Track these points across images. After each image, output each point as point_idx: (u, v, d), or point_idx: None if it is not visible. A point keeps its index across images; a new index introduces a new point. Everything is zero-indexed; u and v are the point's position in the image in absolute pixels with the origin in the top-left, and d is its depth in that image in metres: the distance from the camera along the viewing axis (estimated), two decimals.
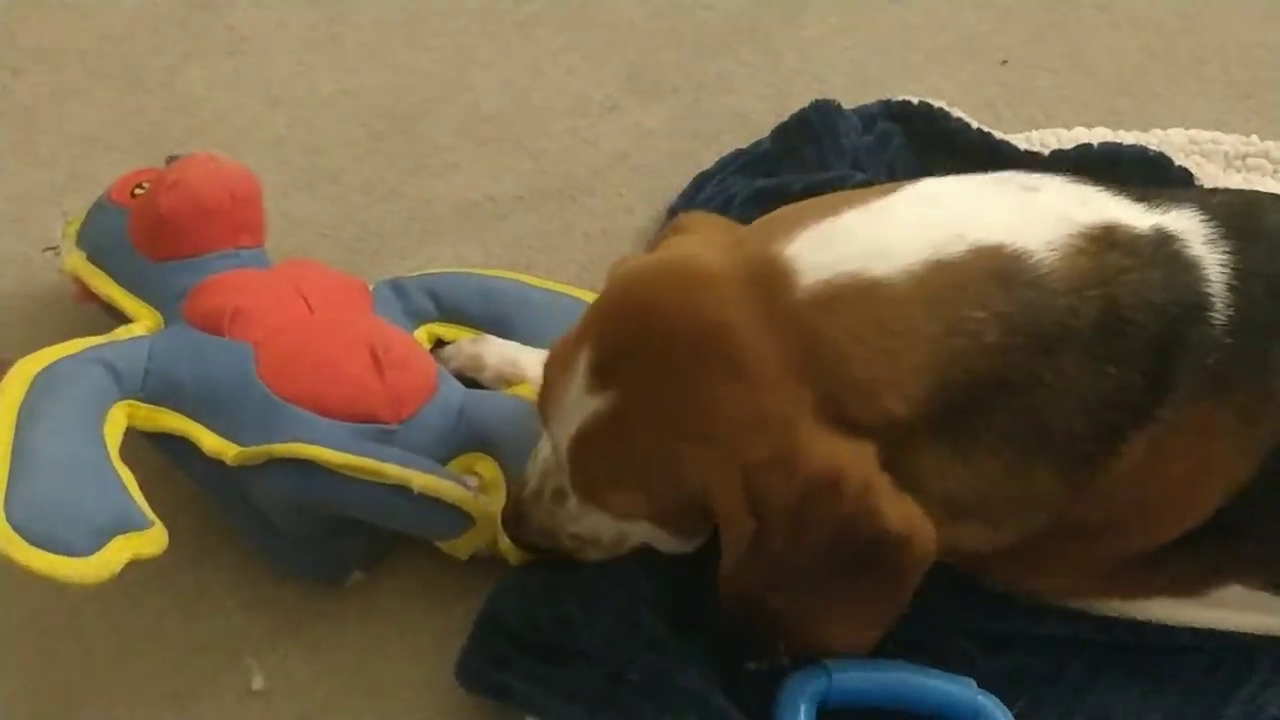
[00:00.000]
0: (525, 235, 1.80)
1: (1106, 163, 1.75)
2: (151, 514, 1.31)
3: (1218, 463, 1.18)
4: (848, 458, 1.07)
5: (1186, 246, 1.15)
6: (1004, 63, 2.00)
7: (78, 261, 1.56)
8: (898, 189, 1.17)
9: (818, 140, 1.79)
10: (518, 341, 1.56)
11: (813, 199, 1.21)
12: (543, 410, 1.22)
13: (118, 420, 1.37)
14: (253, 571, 1.47)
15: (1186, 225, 1.16)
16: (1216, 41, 2.02)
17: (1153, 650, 1.36)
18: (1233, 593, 1.30)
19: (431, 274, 1.65)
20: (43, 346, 1.40)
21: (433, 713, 1.39)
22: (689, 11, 2.06)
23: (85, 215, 1.61)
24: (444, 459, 1.43)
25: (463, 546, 1.43)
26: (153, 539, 1.30)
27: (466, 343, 1.53)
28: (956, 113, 1.84)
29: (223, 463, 1.38)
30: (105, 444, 1.34)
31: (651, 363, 1.10)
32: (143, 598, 1.47)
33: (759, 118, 1.89)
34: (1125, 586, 1.33)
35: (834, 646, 1.23)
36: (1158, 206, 1.18)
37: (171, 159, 1.62)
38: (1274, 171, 1.82)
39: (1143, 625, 1.35)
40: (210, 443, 1.38)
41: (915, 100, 1.86)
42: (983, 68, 1.99)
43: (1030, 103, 1.95)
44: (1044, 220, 1.12)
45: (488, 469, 1.42)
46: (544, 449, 1.30)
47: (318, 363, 1.43)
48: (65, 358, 1.39)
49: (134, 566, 1.41)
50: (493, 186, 1.86)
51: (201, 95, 1.96)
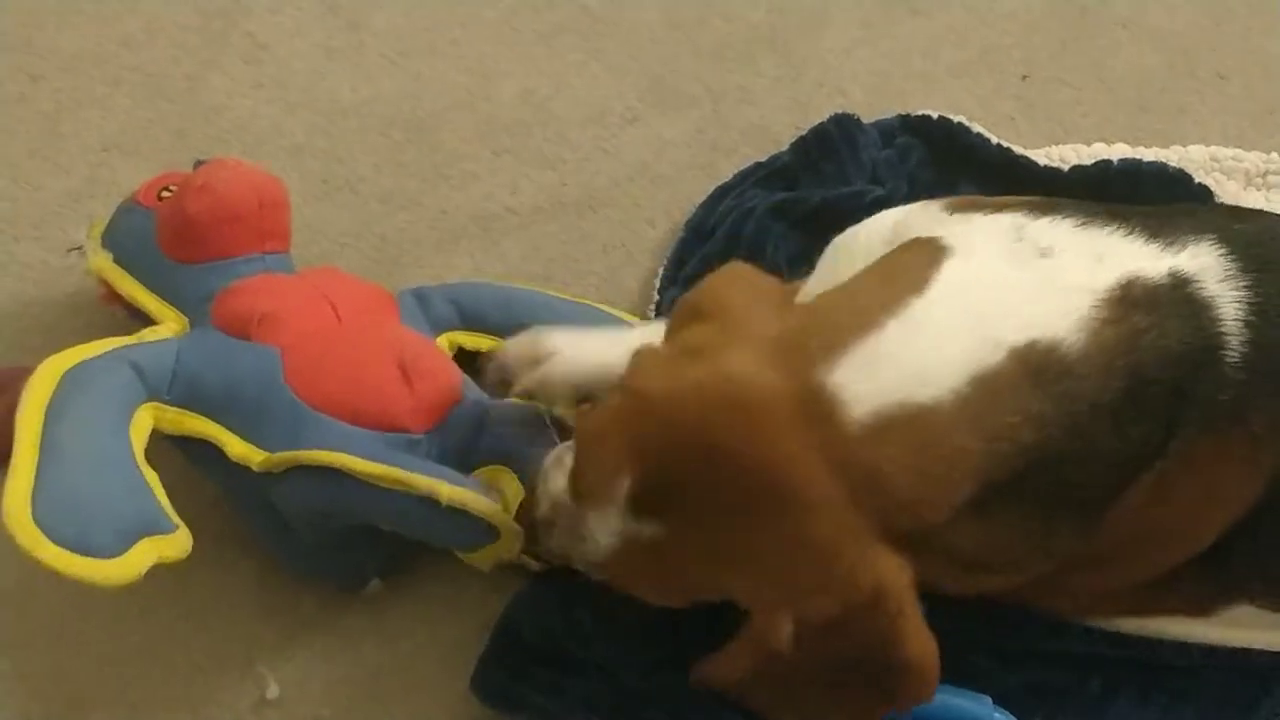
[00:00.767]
0: (544, 245, 1.80)
1: (1126, 179, 1.75)
2: (176, 517, 1.31)
3: (1226, 489, 1.19)
4: (889, 574, 1.07)
5: (1202, 288, 1.14)
6: (1024, 77, 1.99)
7: (103, 263, 1.56)
8: (924, 281, 1.14)
9: (837, 154, 1.79)
10: None
11: (848, 291, 1.20)
12: (576, 491, 1.19)
13: (144, 422, 1.37)
14: (268, 580, 1.48)
15: (1203, 263, 1.16)
16: (1238, 58, 2.02)
17: (1170, 668, 1.36)
18: (1243, 612, 1.30)
19: (454, 283, 1.65)
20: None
21: None
22: (710, 23, 2.06)
23: (111, 217, 1.61)
24: (467, 470, 1.43)
25: (485, 559, 1.42)
26: (178, 542, 1.30)
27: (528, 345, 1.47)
28: (976, 127, 1.84)
29: (246, 468, 1.38)
30: (131, 445, 1.34)
31: (702, 501, 1.09)
32: (157, 605, 1.47)
33: (779, 130, 1.89)
34: (1137, 606, 1.34)
35: None
36: (1173, 244, 1.17)
37: (199, 163, 1.62)
38: None
39: (1160, 642, 1.35)
40: (236, 448, 1.38)
41: (935, 114, 1.85)
42: (1003, 82, 1.99)
43: (1050, 118, 1.94)
44: (1066, 297, 1.12)
45: (510, 483, 1.41)
46: (556, 481, 1.29)
47: (345, 370, 1.43)
48: (93, 357, 1.39)
49: (149, 574, 1.41)
50: (511, 196, 1.85)
51: (221, 103, 1.96)
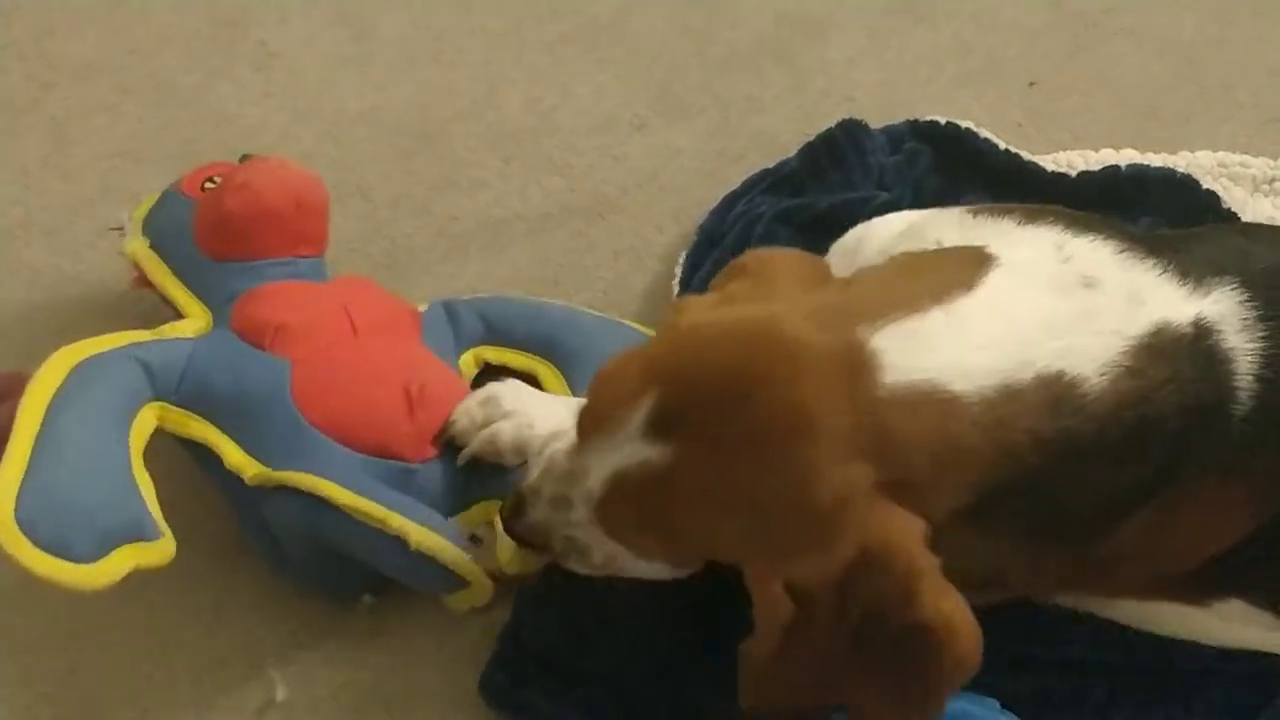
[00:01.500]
0: (552, 252, 1.80)
1: (1134, 185, 1.75)
2: (163, 524, 1.32)
3: (1219, 530, 1.21)
4: (896, 530, 1.06)
5: (1223, 339, 1.16)
6: (1032, 84, 2.00)
7: (139, 247, 1.57)
8: (974, 281, 1.15)
9: (844, 160, 1.79)
10: (566, 364, 1.55)
11: (896, 269, 1.21)
12: (583, 427, 1.18)
13: (147, 421, 1.38)
14: (275, 584, 1.48)
15: (1224, 310, 1.17)
16: (1245, 65, 2.02)
17: (1175, 673, 1.36)
18: (1235, 607, 1.31)
19: (483, 297, 1.65)
20: None
21: None
22: (717, 32, 2.06)
23: (155, 202, 1.62)
24: (462, 503, 1.43)
25: (458, 603, 1.43)
26: (159, 550, 1.30)
27: (475, 406, 1.46)
28: (984, 133, 1.84)
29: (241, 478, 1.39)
30: (130, 445, 1.34)
31: (718, 433, 1.08)
32: (166, 608, 1.47)
33: (787, 138, 1.89)
34: (1130, 588, 1.34)
35: None
36: (1201, 285, 1.18)
37: (245, 157, 1.63)
38: None
39: (1165, 648, 1.36)
40: (234, 457, 1.39)
41: (943, 120, 1.85)
42: (1011, 89, 1.99)
43: (1058, 124, 1.95)
44: (1100, 337, 1.13)
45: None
46: (554, 449, 1.29)
47: (350, 393, 1.43)
48: (105, 351, 1.40)
49: (158, 578, 1.42)
50: (520, 204, 1.86)
51: (231, 110, 1.97)
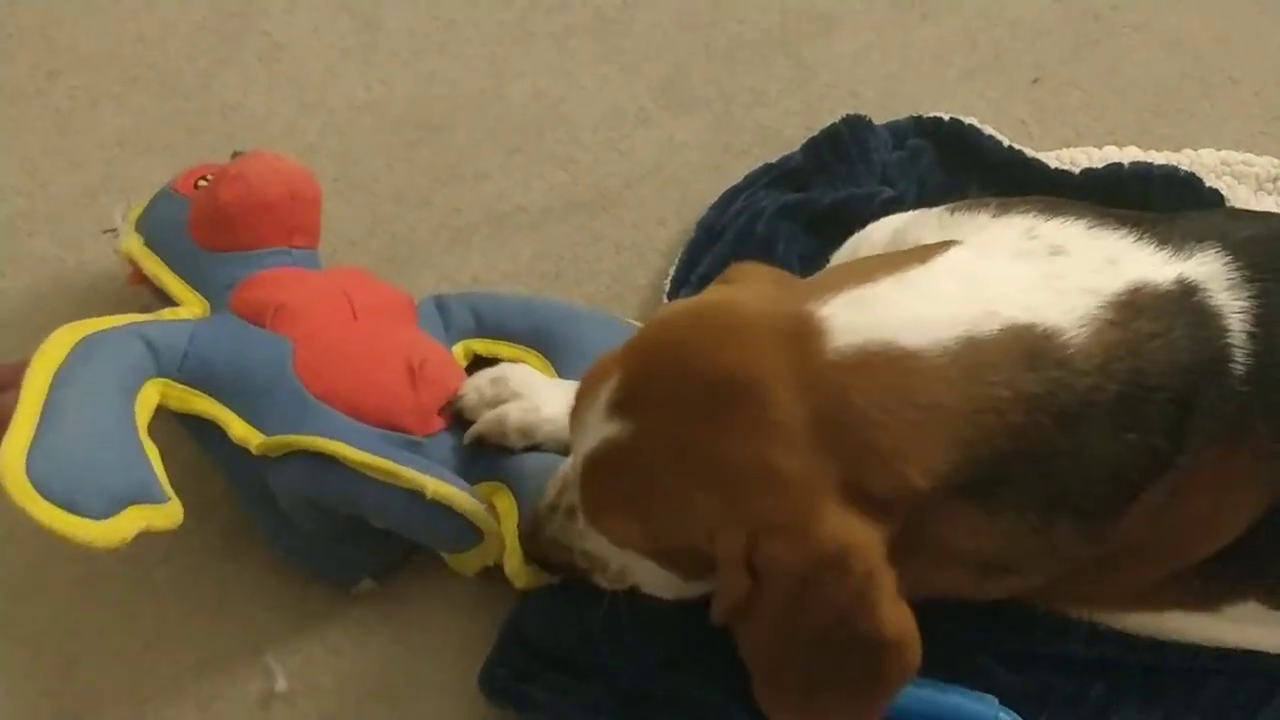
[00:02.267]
0: (556, 245, 1.80)
1: (1137, 183, 1.74)
2: (170, 490, 1.33)
3: (1234, 499, 1.20)
4: (859, 540, 1.07)
5: (1209, 296, 1.15)
6: (1036, 81, 1.99)
7: (134, 245, 1.59)
8: (930, 257, 1.16)
9: (848, 155, 1.79)
10: (555, 354, 1.56)
11: (855, 262, 1.22)
12: (571, 423, 1.23)
13: (150, 397, 1.40)
14: (278, 574, 1.48)
15: (1209, 270, 1.17)
16: (1250, 63, 2.01)
17: (1175, 671, 1.36)
18: (1249, 609, 1.31)
19: (475, 291, 1.67)
20: None
21: (455, 718, 1.40)
22: (722, 25, 2.06)
23: (148, 202, 1.63)
24: (467, 481, 1.43)
25: (469, 562, 1.44)
26: (168, 514, 1.31)
27: (486, 383, 1.48)
28: (988, 130, 1.84)
29: (246, 451, 1.40)
30: (135, 416, 1.36)
31: (672, 400, 1.11)
32: (169, 599, 1.48)
33: (791, 132, 1.89)
34: (1145, 601, 1.34)
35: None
36: (1181, 250, 1.18)
37: (237, 154, 1.64)
38: None
39: (1165, 646, 1.36)
40: (238, 430, 1.41)
41: (946, 117, 1.85)
42: (1014, 85, 1.99)
43: (1062, 121, 1.94)
44: (1073, 294, 1.13)
45: (503, 501, 1.42)
46: (568, 464, 1.30)
47: (353, 366, 1.45)
48: (107, 329, 1.41)
49: (161, 567, 1.43)
50: (523, 196, 1.86)
51: (235, 101, 1.97)
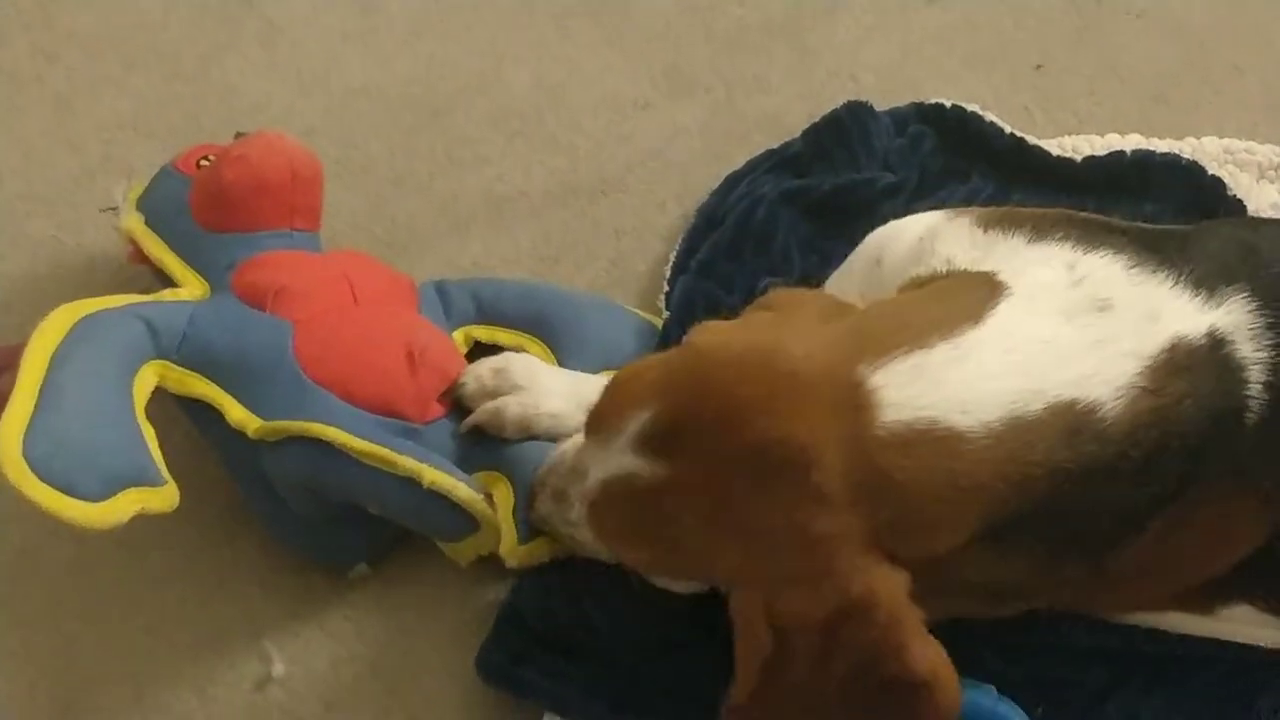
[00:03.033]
0: (555, 230, 1.80)
1: (1138, 171, 1.74)
2: (166, 472, 1.32)
3: (1231, 539, 1.22)
4: (881, 583, 1.07)
5: (1235, 349, 1.16)
6: (1038, 68, 1.99)
7: (135, 223, 1.58)
8: (983, 315, 1.14)
9: (849, 142, 1.78)
10: (556, 341, 1.55)
11: (905, 303, 1.21)
12: (589, 427, 1.20)
13: (148, 378, 1.39)
14: (274, 559, 1.48)
15: (1235, 320, 1.17)
16: (1253, 51, 2.00)
17: (1173, 659, 1.36)
18: (1241, 611, 1.31)
19: (476, 278, 1.66)
20: None
21: (452, 704, 1.40)
22: (724, 10, 2.05)
23: (150, 181, 1.63)
24: (464, 469, 1.43)
25: (464, 551, 1.44)
26: (164, 496, 1.31)
27: (488, 373, 1.47)
28: (989, 117, 1.83)
29: (243, 434, 1.39)
30: (132, 397, 1.35)
31: (712, 455, 1.09)
32: (166, 583, 1.48)
33: (792, 118, 1.88)
34: (1137, 607, 1.35)
35: None
36: (1213, 296, 1.18)
37: (239, 135, 1.63)
38: None
39: (1163, 634, 1.36)
40: (236, 414, 1.40)
41: (948, 103, 1.85)
42: (1017, 72, 1.98)
43: (1064, 108, 1.94)
44: (1116, 360, 1.12)
45: (501, 490, 1.41)
46: (567, 445, 1.30)
47: (353, 351, 1.44)
48: (107, 309, 1.41)
49: (156, 551, 1.42)
50: (524, 181, 1.85)
51: (235, 84, 1.96)
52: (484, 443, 1.45)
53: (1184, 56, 2.00)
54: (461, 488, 1.37)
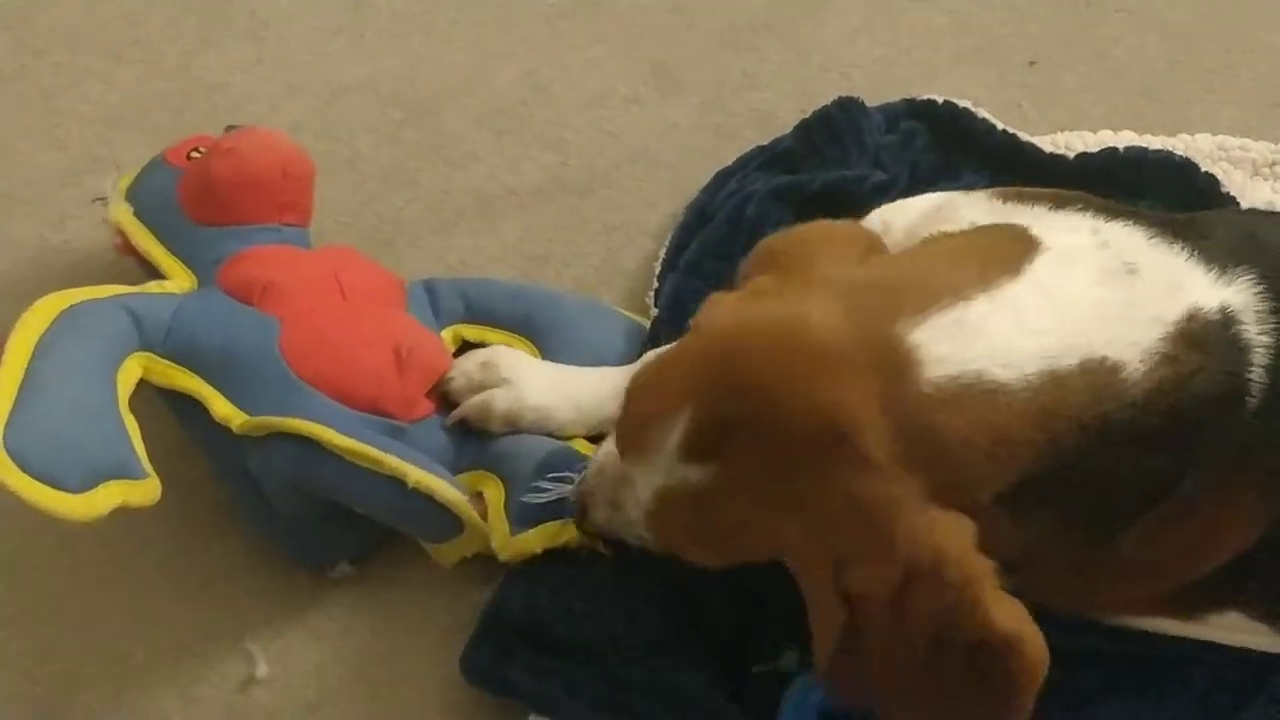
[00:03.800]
0: (544, 226, 1.79)
1: (1132, 168, 1.73)
2: (149, 466, 1.32)
3: (1230, 529, 1.19)
4: (948, 539, 1.05)
5: (1244, 329, 1.15)
6: (1031, 64, 1.98)
7: (123, 214, 1.57)
8: (1019, 266, 1.13)
9: (840, 138, 1.77)
10: (543, 340, 1.55)
11: (935, 251, 1.20)
12: (622, 441, 1.18)
13: (132, 370, 1.39)
14: (259, 559, 1.47)
15: (1244, 299, 1.16)
16: (1246, 48, 2.00)
17: (1164, 661, 1.35)
18: (1231, 619, 1.30)
19: (465, 277, 1.66)
20: None
21: (436, 704, 1.39)
22: (714, 7, 2.05)
23: (139, 172, 1.62)
24: (451, 471, 1.43)
25: (449, 553, 1.43)
26: (146, 490, 1.30)
27: (474, 367, 1.48)
28: (981, 113, 1.82)
29: (227, 429, 1.39)
30: (116, 389, 1.35)
31: (759, 447, 1.07)
32: (150, 582, 1.47)
33: (783, 114, 1.88)
34: (1125, 608, 1.34)
35: None
36: (1225, 273, 1.18)
37: (230, 128, 1.63)
38: None
39: (1154, 636, 1.35)
40: (221, 408, 1.39)
41: (940, 99, 1.84)
42: (1009, 69, 1.98)
43: (1057, 105, 1.93)
44: (1143, 324, 1.12)
45: (492, 490, 1.41)
46: (605, 450, 1.29)
47: (340, 349, 1.43)
48: (92, 300, 1.41)
49: (142, 550, 1.41)
50: (512, 177, 1.85)
51: (220, 80, 1.95)
52: (470, 441, 1.44)
53: (1177, 53, 1.99)
54: (446, 488, 1.37)
